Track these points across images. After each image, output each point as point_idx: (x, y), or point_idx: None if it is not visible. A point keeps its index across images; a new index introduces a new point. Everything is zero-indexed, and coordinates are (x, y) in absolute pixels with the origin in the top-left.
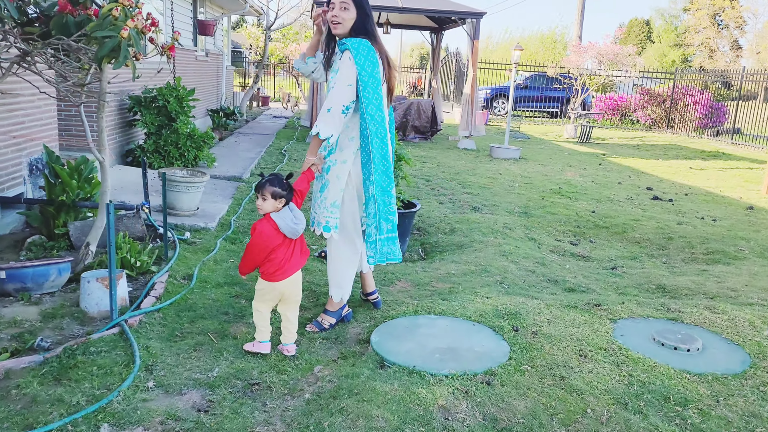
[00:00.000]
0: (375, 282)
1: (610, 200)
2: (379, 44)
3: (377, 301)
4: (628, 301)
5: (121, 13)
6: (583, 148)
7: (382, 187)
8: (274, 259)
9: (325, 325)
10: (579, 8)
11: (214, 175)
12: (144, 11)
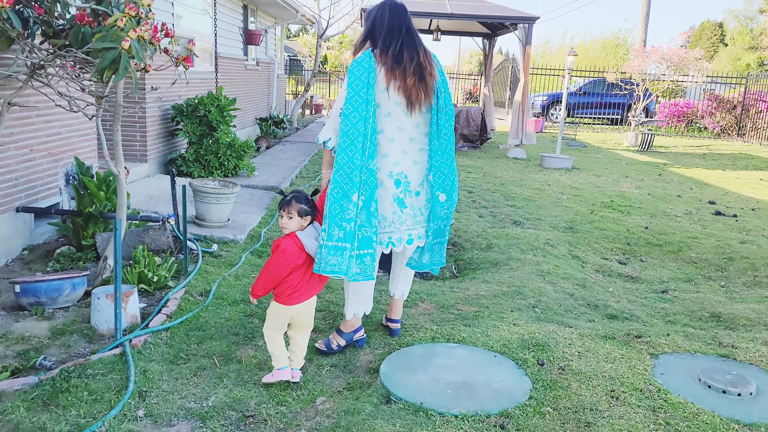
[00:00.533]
0: None
1: (666, 215)
2: (389, 53)
3: (395, 330)
4: (675, 333)
5: (128, 23)
6: (643, 157)
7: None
8: (292, 281)
9: (333, 346)
10: (644, 11)
11: (252, 185)
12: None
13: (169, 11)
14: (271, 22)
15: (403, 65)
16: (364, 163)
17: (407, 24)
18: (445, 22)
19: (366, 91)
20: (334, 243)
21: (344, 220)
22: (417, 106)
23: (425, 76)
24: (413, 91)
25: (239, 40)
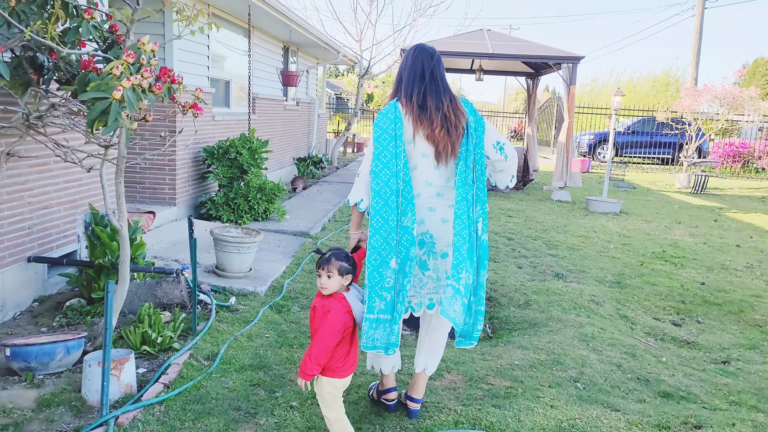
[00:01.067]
0: None
1: (724, 268)
2: (413, 101)
3: (413, 411)
4: (741, 422)
5: (125, 70)
6: (697, 200)
7: (375, 254)
8: (342, 350)
9: None
10: (694, 49)
11: (281, 230)
12: (205, 62)
13: (204, 53)
14: (312, 63)
15: (428, 113)
16: (398, 221)
17: (432, 69)
18: (488, 62)
19: (395, 144)
20: (375, 316)
21: (384, 289)
22: (445, 155)
23: (450, 128)
24: (441, 140)
25: (278, 81)
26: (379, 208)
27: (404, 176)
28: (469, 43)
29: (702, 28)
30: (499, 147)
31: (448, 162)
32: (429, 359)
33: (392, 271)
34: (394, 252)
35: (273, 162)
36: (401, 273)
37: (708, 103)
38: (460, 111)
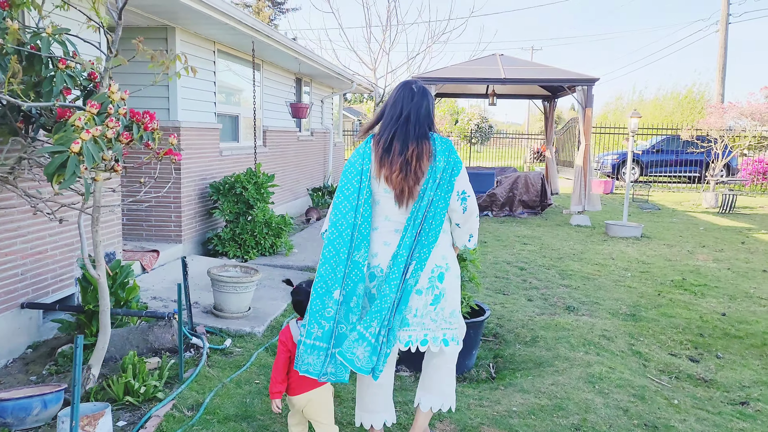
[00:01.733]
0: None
1: (749, 297)
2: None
3: None
4: None
5: (88, 121)
6: (724, 221)
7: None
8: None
9: None
10: (720, 65)
11: (287, 265)
12: (211, 99)
13: (209, 90)
14: (327, 92)
15: (391, 156)
16: (349, 255)
17: (409, 111)
18: (502, 87)
19: (359, 179)
20: (312, 341)
21: (323, 318)
22: (403, 198)
23: (409, 173)
24: (397, 184)
25: (290, 112)
26: (333, 238)
27: (364, 211)
28: (481, 68)
29: (727, 42)
30: (461, 197)
31: (408, 203)
32: (432, 397)
33: (334, 302)
34: (340, 284)
35: (287, 193)
36: (344, 306)
37: (734, 120)
38: (426, 156)
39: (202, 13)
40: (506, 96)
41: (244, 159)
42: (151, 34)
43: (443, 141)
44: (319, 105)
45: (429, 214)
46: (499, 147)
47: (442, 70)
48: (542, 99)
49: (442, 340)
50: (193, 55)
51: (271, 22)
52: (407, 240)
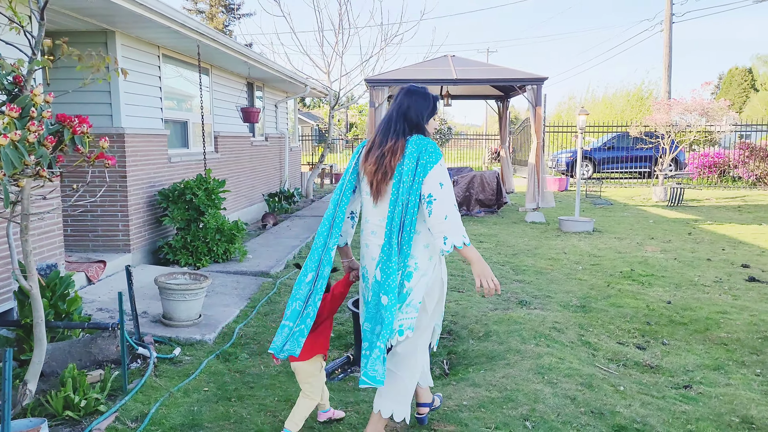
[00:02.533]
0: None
1: (693, 285)
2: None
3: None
4: None
5: (8, 125)
6: (673, 214)
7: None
8: None
9: None
10: (665, 63)
11: (240, 271)
12: (157, 104)
13: (155, 95)
14: (281, 97)
15: (372, 151)
16: (325, 244)
17: (395, 109)
18: (456, 88)
19: (346, 175)
20: (284, 321)
21: (296, 299)
22: (376, 194)
23: (379, 167)
24: (370, 177)
25: (240, 117)
26: (319, 230)
27: (341, 203)
28: (433, 69)
29: (671, 42)
30: (427, 200)
31: (380, 202)
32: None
33: (306, 284)
34: (314, 270)
35: (242, 199)
36: (315, 288)
37: (679, 116)
38: (398, 154)
39: (141, 16)
40: (460, 97)
41: (194, 165)
42: (89, 38)
43: (418, 142)
44: (273, 109)
45: (405, 220)
46: (459, 148)
47: (395, 71)
48: (495, 99)
49: (397, 331)
50: (136, 60)
51: (225, 27)
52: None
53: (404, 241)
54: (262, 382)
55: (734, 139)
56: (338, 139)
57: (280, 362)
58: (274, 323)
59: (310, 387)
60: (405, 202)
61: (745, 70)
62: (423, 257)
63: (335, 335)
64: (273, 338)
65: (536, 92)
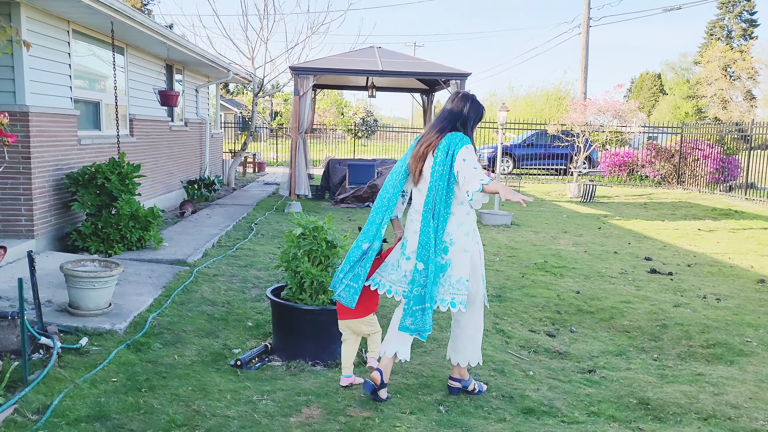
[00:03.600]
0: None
1: (600, 276)
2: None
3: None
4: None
5: None
6: (585, 209)
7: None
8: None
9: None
10: (582, 65)
11: (155, 259)
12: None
13: (65, 73)
14: (203, 81)
15: (417, 142)
16: (382, 219)
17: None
18: (381, 80)
19: (402, 162)
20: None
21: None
22: (419, 180)
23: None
24: (412, 164)
25: (158, 100)
26: (375, 206)
27: (396, 187)
28: (359, 60)
29: (588, 45)
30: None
31: (420, 185)
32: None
33: (361, 250)
34: (370, 240)
35: (159, 186)
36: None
37: (593, 116)
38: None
39: None
40: (386, 89)
41: (107, 149)
42: None
43: (449, 137)
44: (194, 94)
45: (439, 202)
46: (385, 140)
47: (321, 60)
48: (420, 93)
49: (449, 302)
50: (43, 35)
51: (144, 6)
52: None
53: (440, 220)
54: (175, 372)
55: (643, 140)
56: (262, 127)
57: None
58: (189, 312)
59: (370, 327)
60: (437, 187)
61: (655, 75)
62: (458, 234)
63: (254, 324)
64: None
65: (460, 87)
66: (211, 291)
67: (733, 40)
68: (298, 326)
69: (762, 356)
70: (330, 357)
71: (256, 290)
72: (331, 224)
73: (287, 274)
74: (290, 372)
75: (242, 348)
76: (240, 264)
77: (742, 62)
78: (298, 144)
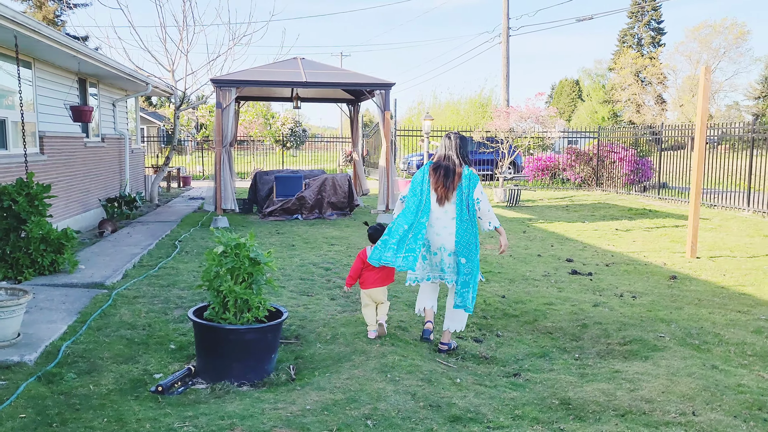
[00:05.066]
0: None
1: (525, 279)
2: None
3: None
4: None
5: None
6: (511, 213)
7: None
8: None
9: None
10: (503, 73)
11: (70, 283)
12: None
13: None
14: (120, 95)
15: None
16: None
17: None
18: (306, 91)
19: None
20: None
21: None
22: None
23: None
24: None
25: (70, 116)
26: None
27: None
28: (282, 71)
29: (509, 54)
30: (477, 201)
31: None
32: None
33: (404, 230)
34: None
35: (75, 205)
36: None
37: (516, 122)
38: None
39: None
40: (311, 100)
41: (15, 168)
42: None
43: (468, 172)
44: (111, 108)
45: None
46: (315, 151)
47: (243, 72)
48: (347, 103)
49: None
50: None
51: (57, 18)
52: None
53: (473, 226)
54: (90, 403)
55: (564, 145)
56: (187, 140)
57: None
58: (107, 338)
59: (385, 296)
60: (467, 203)
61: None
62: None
63: (177, 347)
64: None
65: (384, 97)
66: (131, 314)
67: (643, 47)
68: (223, 347)
69: (674, 350)
70: (257, 376)
71: (179, 311)
72: (253, 240)
73: (209, 293)
74: (215, 395)
75: (164, 372)
76: (162, 284)
77: (652, 68)
78: (222, 157)
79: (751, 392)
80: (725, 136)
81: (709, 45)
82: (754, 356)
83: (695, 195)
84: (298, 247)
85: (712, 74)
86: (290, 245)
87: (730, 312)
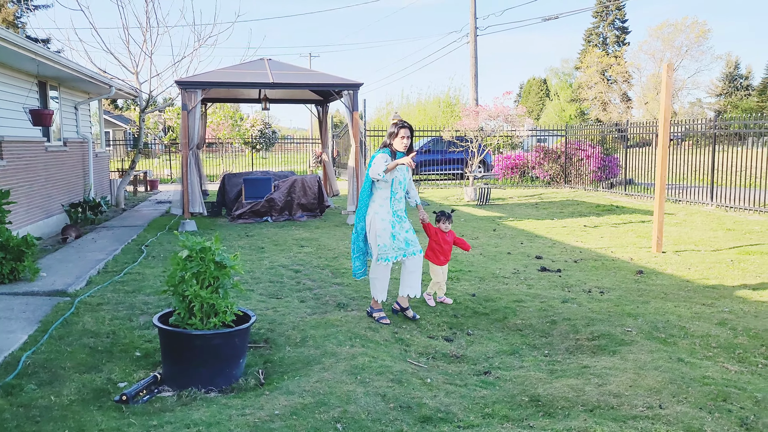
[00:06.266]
0: None
1: (495, 277)
2: None
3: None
4: None
5: None
6: (482, 212)
7: None
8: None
9: None
10: (472, 72)
11: (31, 291)
12: None
13: None
14: (82, 98)
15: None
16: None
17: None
18: (274, 92)
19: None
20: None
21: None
22: None
23: None
24: None
25: (29, 120)
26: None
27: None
28: (249, 72)
29: (476, 53)
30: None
31: None
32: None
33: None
34: None
35: (36, 211)
36: None
37: (486, 121)
38: None
39: None
40: (280, 101)
41: None
42: None
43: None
44: (73, 112)
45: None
46: (285, 152)
47: (208, 73)
48: (315, 104)
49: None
50: None
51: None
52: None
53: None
54: (51, 414)
55: (533, 143)
56: (154, 143)
57: None
58: (69, 347)
59: None
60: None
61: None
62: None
63: (142, 354)
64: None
65: (353, 98)
66: (95, 321)
67: (608, 46)
68: (189, 353)
69: (641, 344)
70: (225, 382)
71: (144, 317)
72: (219, 244)
73: (175, 298)
74: (181, 402)
75: (129, 381)
76: (127, 290)
77: (617, 67)
78: (189, 160)
79: (715, 384)
80: (689, 133)
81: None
82: (718, 348)
83: (660, 191)
84: (267, 249)
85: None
86: (259, 248)
87: (695, 305)
